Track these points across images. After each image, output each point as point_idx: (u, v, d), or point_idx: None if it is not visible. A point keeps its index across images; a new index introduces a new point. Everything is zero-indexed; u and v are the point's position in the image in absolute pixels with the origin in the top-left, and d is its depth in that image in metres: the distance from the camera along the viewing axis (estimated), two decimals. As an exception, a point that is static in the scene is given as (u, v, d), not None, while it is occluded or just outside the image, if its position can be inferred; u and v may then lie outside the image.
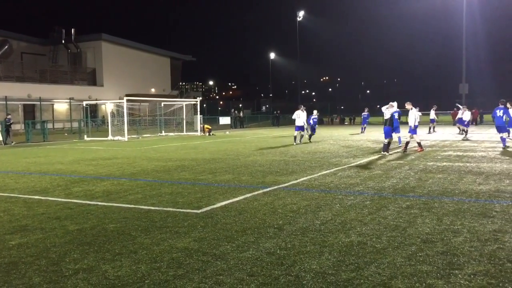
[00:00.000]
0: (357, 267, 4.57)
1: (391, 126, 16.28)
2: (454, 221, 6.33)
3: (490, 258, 4.76)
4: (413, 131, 17.46)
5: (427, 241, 5.42)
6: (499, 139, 18.09)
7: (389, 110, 16.82)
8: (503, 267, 4.48)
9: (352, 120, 64.29)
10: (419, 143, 17.35)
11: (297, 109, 22.57)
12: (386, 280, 4.22)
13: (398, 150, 17.71)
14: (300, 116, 22.23)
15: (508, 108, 17.57)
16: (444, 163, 13.00)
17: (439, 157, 14.72)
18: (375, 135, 29.80)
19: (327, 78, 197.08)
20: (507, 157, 14.18)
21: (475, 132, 30.53)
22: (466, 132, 24.96)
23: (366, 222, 6.38)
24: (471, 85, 56.29)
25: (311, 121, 23.92)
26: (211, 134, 34.78)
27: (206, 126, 35.62)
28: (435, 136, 27.05)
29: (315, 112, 24.98)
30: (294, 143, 21.79)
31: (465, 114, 25.37)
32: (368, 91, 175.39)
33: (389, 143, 16.13)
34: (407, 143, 17.64)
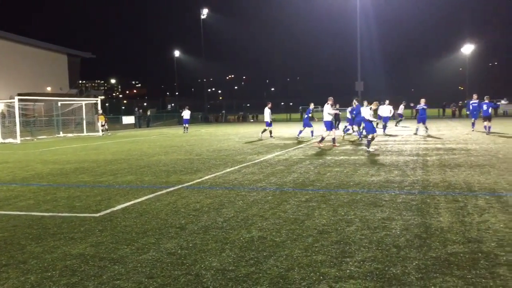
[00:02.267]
0: (257, 262, 4.67)
1: (371, 122, 15.81)
2: (348, 212, 6.71)
3: (378, 245, 5.11)
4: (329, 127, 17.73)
5: (323, 232, 5.69)
6: (388, 133, 19.48)
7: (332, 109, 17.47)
8: (389, 252, 4.84)
9: (255, 118, 65.51)
10: (333, 139, 17.76)
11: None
12: (283, 272, 4.36)
13: (306, 143, 18.34)
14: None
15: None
16: (342, 157, 13.73)
17: (337, 152, 15.50)
18: (280, 131, 30.65)
19: (232, 76, 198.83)
20: (396, 150, 15.31)
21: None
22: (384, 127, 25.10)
23: (267, 217, 6.55)
24: (366, 83, 59.98)
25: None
26: (105, 130, 33.75)
27: (101, 117, 34.46)
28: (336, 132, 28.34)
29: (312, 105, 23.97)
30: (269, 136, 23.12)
31: (383, 110, 25.44)
32: (272, 89, 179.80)
33: (372, 138, 15.71)
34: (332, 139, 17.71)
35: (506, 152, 13.63)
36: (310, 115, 23.26)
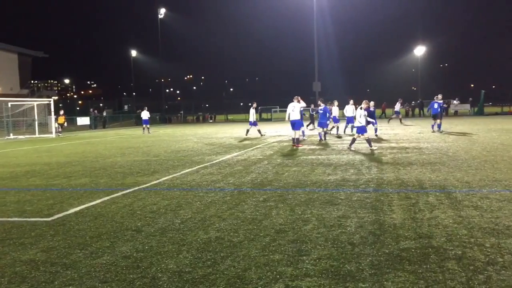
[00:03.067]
0: (214, 263, 4.66)
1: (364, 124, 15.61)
2: (305, 211, 6.79)
3: (334, 242, 5.20)
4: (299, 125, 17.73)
5: (280, 231, 5.73)
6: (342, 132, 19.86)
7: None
8: (344, 250, 4.93)
9: (213, 118, 65.32)
10: (297, 139, 17.69)
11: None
12: (240, 272, 4.36)
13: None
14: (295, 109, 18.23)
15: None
16: (299, 157, 13.89)
17: (295, 151, 15.66)
18: (239, 132, 30.69)
19: (191, 76, 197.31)
20: (352, 149, 15.63)
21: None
22: (337, 128, 25.00)
23: (225, 218, 6.53)
24: (324, 83, 61.03)
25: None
26: (59, 132, 32.92)
27: (61, 118, 33.61)
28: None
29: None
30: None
31: (348, 110, 24.68)
32: (231, 89, 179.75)
33: (368, 138, 15.68)
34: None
35: (455, 150, 14.17)
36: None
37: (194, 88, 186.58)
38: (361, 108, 15.54)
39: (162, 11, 62.35)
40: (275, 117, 58.95)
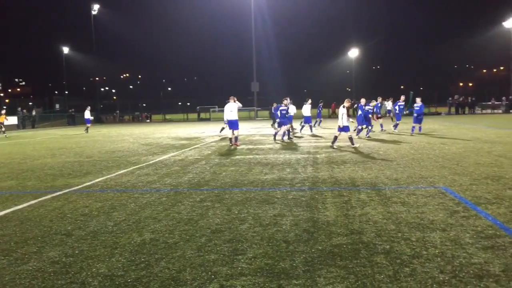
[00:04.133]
0: (148, 265, 4.56)
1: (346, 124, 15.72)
2: (242, 210, 6.82)
3: (269, 241, 5.26)
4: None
5: (216, 231, 5.72)
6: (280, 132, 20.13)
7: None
8: (279, 247, 5.00)
9: (149, 117, 64.10)
10: (236, 138, 17.82)
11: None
12: (175, 274, 4.31)
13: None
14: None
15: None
16: (237, 157, 13.93)
17: (233, 151, 15.69)
18: (177, 132, 30.32)
19: (127, 75, 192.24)
20: (289, 149, 15.90)
21: (266, 127, 33.51)
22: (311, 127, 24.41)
23: (160, 219, 6.42)
24: (263, 84, 61.65)
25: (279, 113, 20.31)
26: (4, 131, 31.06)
27: (1, 117, 31.64)
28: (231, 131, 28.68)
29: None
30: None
31: (305, 109, 24.88)
32: (169, 88, 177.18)
33: (351, 137, 16.01)
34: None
35: (386, 149, 14.79)
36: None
37: (131, 87, 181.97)
38: (343, 107, 15.76)
39: (96, 7, 60.25)
40: (214, 117, 58.80)
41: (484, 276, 4.02)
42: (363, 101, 20.35)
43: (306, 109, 24.34)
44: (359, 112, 20.28)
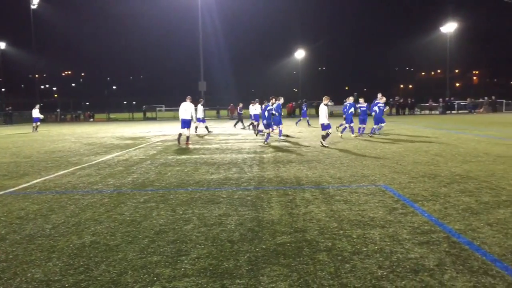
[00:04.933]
0: (87, 269, 4.42)
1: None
2: (186, 210, 6.75)
3: (214, 241, 5.24)
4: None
5: (160, 232, 5.62)
6: (235, 131, 20.15)
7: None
8: (223, 247, 4.99)
9: (92, 116, 62.21)
10: (187, 137, 18.01)
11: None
12: (115, 277, 4.20)
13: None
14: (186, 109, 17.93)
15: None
16: (183, 156, 13.78)
17: (179, 151, 15.51)
18: (122, 131, 29.60)
19: (69, 72, 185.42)
20: (236, 148, 15.92)
21: (214, 126, 33.38)
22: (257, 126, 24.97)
23: (102, 221, 6.24)
24: (212, 83, 61.37)
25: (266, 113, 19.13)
26: None
27: None
28: (178, 131, 28.33)
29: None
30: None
31: (254, 109, 25.52)
32: (114, 87, 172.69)
33: (327, 134, 16.03)
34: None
35: (330, 148, 15.11)
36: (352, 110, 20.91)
37: (73, 85, 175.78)
38: (324, 105, 15.99)
39: (36, 0, 57.62)
40: (160, 116, 57.92)
41: (420, 271, 4.19)
42: (379, 95, 20.89)
43: (257, 108, 24.77)
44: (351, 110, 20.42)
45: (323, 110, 16.01)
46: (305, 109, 33.49)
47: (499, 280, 3.93)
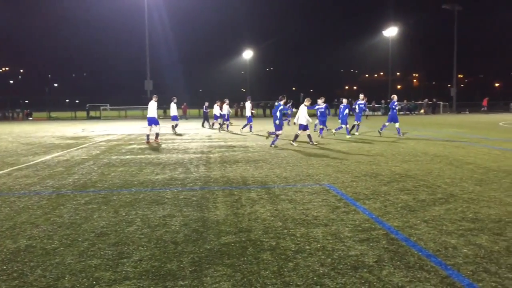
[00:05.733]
0: (21, 274, 4.21)
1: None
2: (130, 212, 6.59)
3: (157, 242, 5.15)
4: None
5: (101, 235, 5.46)
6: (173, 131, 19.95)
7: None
8: (167, 249, 4.91)
9: (30, 114, 59.57)
10: (148, 136, 18.59)
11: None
12: (52, 282, 4.03)
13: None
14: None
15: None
16: (128, 156, 13.46)
17: (123, 151, 15.14)
18: (63, 130, 28.53)
19: (7, 68, 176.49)
20: (182, 148, 15.75)
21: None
22: (221, 125, 26.11)
23: (39, 224, 5.98)
24: (159, 82, 60.29)
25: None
26: None
27: None
28: (123, 130, 27.70)
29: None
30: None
31: (222, 108, 26.21)
32: (56, 85, 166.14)
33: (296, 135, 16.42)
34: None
35: (277, 148, 15.25)
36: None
37: (11, 82, 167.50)
38: (305, 106, 16.18)
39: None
40: (105, 115, 56.34)
41: (359, 267, 4.31)
42: (361, 96, 21.41)
43: (224, 109, 25.44)
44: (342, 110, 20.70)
45: (303, 110, 16.28)
46: (290, 109, 33.83)
47: (433, 275, 4.10)
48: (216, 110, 27.16)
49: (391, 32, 63.48)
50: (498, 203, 6.81)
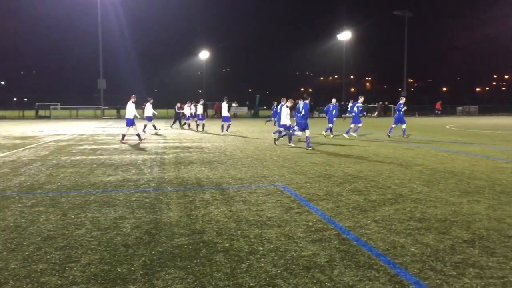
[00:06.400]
0: (-40, 281, 3.99)
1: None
2: (79, 214, 6.39)
3: (107, 245, 5.01)
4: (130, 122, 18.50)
5: (47, 238, 5.26)
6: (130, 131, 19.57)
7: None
8: (117, 252, 4.79)
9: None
10: (123, 135, 18.91)
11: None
12: (-7, 288, 3.84)
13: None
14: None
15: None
16: (78, 157, 13.06)
17: (74, 151, 14.69)
18: (10, 130, 27.36)
19: None
20: (137, 149, 15.46)
21: (113, 126, 32.13)
22: (189, 125, 28.51)
23: (-19, 228, 5.69)
24: (114, 82, 58.91)
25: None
26: None
27: None
28: (74, 130, 26.88)
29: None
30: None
31: (186, 109, 28.08)
32: (3, 82, 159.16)
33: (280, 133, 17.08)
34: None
35: (232, 149, 15.25)
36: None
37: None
38: (286, 107, 16.55)
39: None
40: (55, 115, 54.48)
41: (312, 267, 4.36)
42: (361, 98, 21.43)
43: (149, 109, 25.23)
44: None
45: (284, 111, 16.58)
46: (275, 109, 33.63)
47: (382, 274, 4.20)
48: (187, 110, 27.81)
49: (345, 36, 64.93)
50: (444, 203, 7.08)
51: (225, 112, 24.27)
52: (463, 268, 4.33)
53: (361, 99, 21.70)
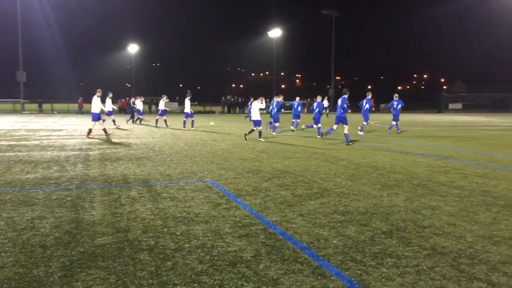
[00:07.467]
0: None
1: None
2: (-8, 215, 5.98)
3: (23, 247, 4.73)
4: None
5: (-45, 242, 4.87)
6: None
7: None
8: (34, 254, 4.53)
9: None
10: (90, 130, 18.72)
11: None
12: None
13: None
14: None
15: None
16: (-6, 154, 12.24)
17: (-11, 148, 13.74)
18: None
19: None
20: (59, 145, 14.75)
21: (33, 121, 30.43)
22: (141, 120, 28.75)
23: None
24: (36, 74, 55.68)
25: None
26: None
27: None
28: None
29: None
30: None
31: (138, 104, 28.49)
32: None
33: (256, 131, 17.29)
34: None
35: (161, 145, 14.98)
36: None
37: None
38: (258, 103, 17.20)
39: None
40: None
41: (238, 263, 4.37)
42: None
43: (109, 103, 25.28)
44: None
45: (256, 107, 17.13)
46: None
47: (306, 266, 4.31)
48: (139, 105, 28.28)
49: (275, 33, 65.86)
50: (366, 196, 7.39)
51: (187, 109, 24.10)
52: (381, 258, 4.54)
53: (370, 95, 22.39)
